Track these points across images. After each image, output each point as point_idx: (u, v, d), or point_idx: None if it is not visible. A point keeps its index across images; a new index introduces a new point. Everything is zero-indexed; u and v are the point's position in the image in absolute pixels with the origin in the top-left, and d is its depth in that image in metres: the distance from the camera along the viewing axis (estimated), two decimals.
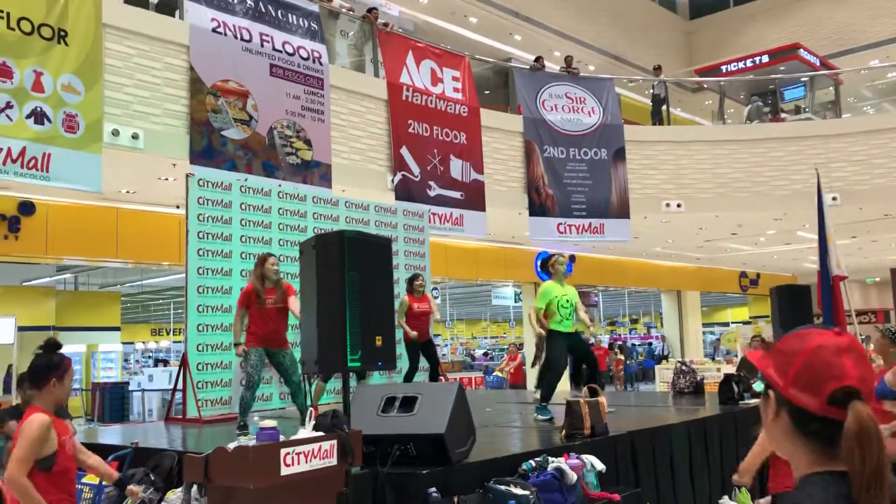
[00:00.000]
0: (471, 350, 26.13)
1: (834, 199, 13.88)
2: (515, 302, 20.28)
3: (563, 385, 8.21)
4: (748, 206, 14.33)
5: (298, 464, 3.03)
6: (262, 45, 9.77)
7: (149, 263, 12.74)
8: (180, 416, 7.69)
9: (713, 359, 18.28)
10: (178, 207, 12.17)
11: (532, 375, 10.73)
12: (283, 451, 2.98)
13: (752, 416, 7.00)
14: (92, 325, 18.65)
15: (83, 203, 10.99)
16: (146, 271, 17.02)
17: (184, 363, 7.52)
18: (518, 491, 4.03)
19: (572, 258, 8.62)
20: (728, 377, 7.51)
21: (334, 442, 3.20)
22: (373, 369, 3.85)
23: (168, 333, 27.98)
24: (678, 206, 14.21)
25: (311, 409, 6.56)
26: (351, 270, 3.73)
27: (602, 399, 5.47)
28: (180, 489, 4.89)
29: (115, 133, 8.40)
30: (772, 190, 14.23)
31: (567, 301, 6.86)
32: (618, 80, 15.72)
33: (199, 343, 7.54)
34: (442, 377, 9.32)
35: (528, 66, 14.34)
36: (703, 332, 25.52)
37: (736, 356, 16.60)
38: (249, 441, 3.12)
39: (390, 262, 4.07)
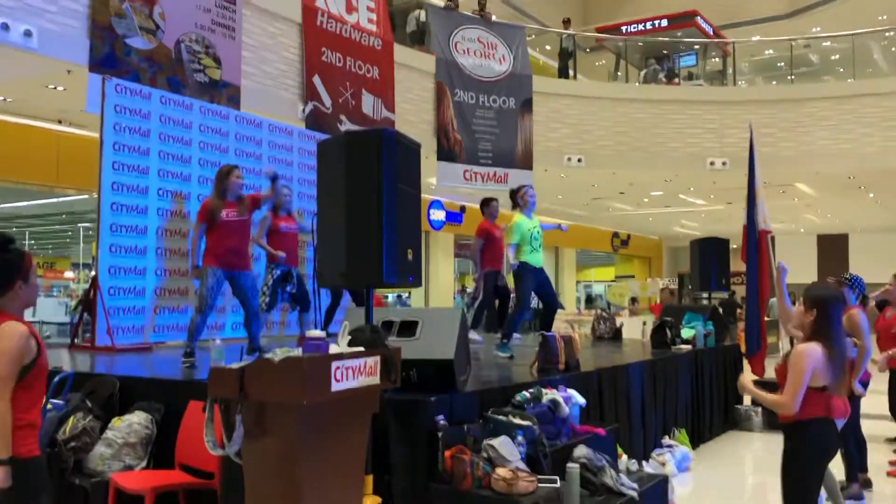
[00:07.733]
0: None
1: (724, 163, 14.51)
2: None
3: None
4: (644, 165, 14.70)
5: (347, 380, 2.67)
6: None
7: (22, 183, 11.49)
8: (86, 344, 6.93)
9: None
10: (59, 123, 11.01)
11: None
12: (333, 365, 2.61)
13: (684, 360, 7.18)
14: None
15: None
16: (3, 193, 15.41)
17: (94, 286, 6.77)
18: (521, 421, 3.84)
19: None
20: (663, 323, 7.64)
21: (378, 358, 2.86)
22: (405, 285, 3.50)
23: None
24: (579, 160, 14.38)
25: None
26: (389, 174, 3.34)
27: (576, 336, 5.38)
28: (128, 415, 4.38)
29: (5, 27, 7.39)
30: (667, 151, 14.65)
31: (538, 232, 6.75)
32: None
33: (111, 265, 6.78)
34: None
35: (441, 5, 13.93)
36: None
37: (624, 310, 17.24)
38: (289, 353, 2.72)
39: (419, 168, 3.70)
